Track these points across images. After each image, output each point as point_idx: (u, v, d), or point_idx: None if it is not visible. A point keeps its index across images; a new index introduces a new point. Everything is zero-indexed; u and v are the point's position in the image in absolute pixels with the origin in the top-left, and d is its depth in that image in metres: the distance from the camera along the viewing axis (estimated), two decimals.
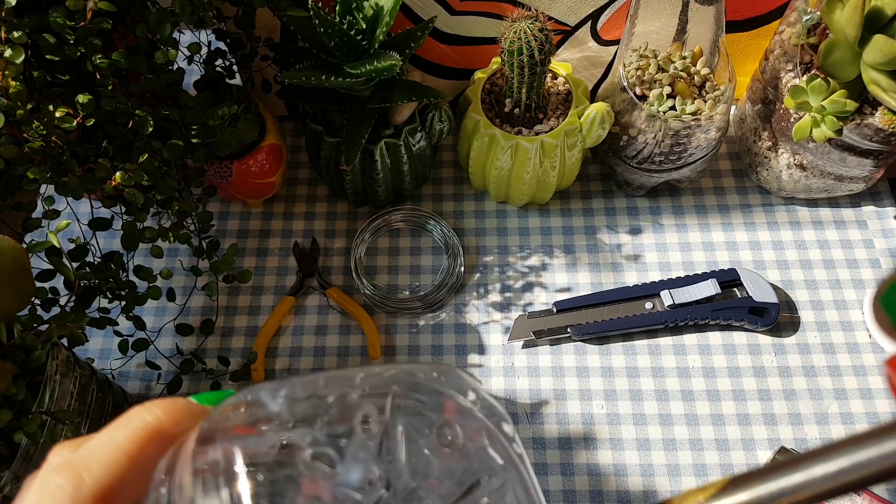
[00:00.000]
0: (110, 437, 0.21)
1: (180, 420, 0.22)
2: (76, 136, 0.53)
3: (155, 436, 0.21)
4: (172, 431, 0.22)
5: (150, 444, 0.21)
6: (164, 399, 0.22)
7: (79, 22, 0.47)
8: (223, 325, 0.68)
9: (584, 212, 0.72)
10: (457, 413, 0.20)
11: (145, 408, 0.22)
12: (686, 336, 0.66)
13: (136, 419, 0.21)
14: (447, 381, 0.21)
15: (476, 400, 0.21)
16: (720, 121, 0.64)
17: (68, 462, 0.20)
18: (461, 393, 0.21)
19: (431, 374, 0.21)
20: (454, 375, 0.21)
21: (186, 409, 0.22)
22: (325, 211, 0.73)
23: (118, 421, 0.21)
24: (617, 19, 0.67)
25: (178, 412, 0.22)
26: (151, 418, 0.21)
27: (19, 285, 0.43)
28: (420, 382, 0.21)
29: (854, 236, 0.70)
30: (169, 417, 0.22)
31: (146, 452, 0.21)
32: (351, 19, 0.57)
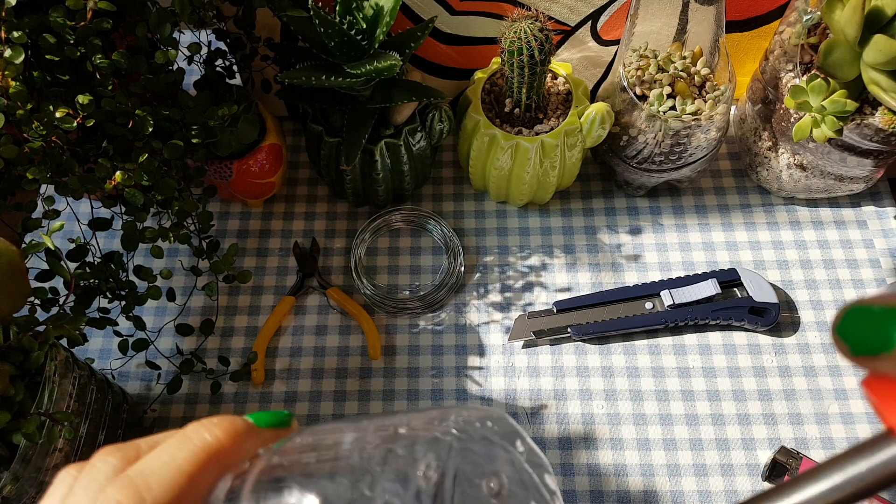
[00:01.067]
0: (171, 455, 0.21)
1: (239, 441, 0.22)
2: (76, 136, 0.53)
3: (214, 456, 0.21)
4: (231, 452, 0.21)
5: (209, 465, 0.21)
6: (223, 418, 0.22)
7: (79, 22, 0.47)
8: (223, 325, 0.68)
9: (584, 212, 0.72)
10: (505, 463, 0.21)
11: (204, 426, 0.22)
12: (686, 336, 0.66)
13: (197, 438, 0.21)
14: (499, 430, 0.22)
15: (524, 450, 0.21)
16: (720, 121, 0.64)
17: (129, 479, 0.20)
18: (511, 442, 0.21)
19: (486, 423, 0.22)
20: (505, 423, 0.22)
21: (245, 429, 0.22)
22: (325, 211, 0.73)
23: (177, 438, 0.21)
24: (617, 19, 0.67)
25: (237, 433, 0.22)
26: (212, 439, 0.21)
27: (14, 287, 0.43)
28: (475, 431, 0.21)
29: (854, 236, 0.70)
30: (228, 438, 0.22)
31: (204, 473, 0.21)
32: (351, 19, 0.57)
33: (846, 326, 0.18)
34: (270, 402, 0.64)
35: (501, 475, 0.21)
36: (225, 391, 0.65)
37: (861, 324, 0.18)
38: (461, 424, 0.21)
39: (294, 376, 0.65)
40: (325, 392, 0.64)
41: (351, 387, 0.65)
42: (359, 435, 0.21)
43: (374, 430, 0.21)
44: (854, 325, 0.18)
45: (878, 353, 0.17)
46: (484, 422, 0.22)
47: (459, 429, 0.21)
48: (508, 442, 0.21)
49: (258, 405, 0.64)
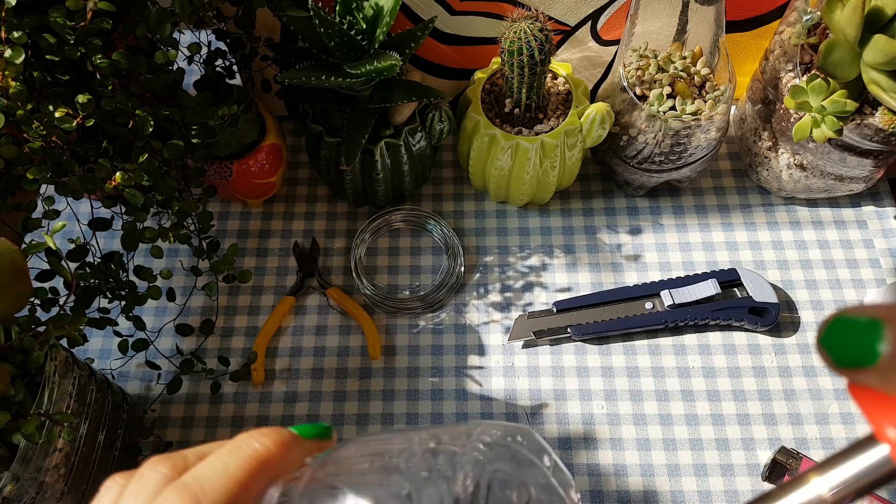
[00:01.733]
0: (224, 464, 0.22)
1: (286, 451, 0.23)
2: (76, 136, 0.53)
3: (264, 465, 0.22)
4: (279, 462, 0.23)
5: (259, 473, 0.22)
6: (271, 429, 0.23)
7: (79, 22, 0.47)
8: (223, 325, 0.68)
9: (584, 212, 0.72)
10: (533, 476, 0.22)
11: (253, 437, 0.23)
12: (686, 336, 0.66)
13: (247, 448, 0.22)
14: (528, 445, 0.23)
15: (550, 465, 0.23)
16: (720, 121, 0.64)
17: (185, 485, 0.21)
18: (538, 457, 0.23)
19: (516, 438, 0.23)
20: (533, 439, 0.23)
21: (291, 440, 0.24)
22: (325, 211, 0.73)
23: (228, 447, 0.23)
24: (617, 19, 0.67)
25: (284, 443, 0.23)
26: (262, 448, 0.23)
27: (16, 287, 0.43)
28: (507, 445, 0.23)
29: (854, 236, 0.70)
30: (277, 448, 0.23)
31: (255, 481, 0.22)
32: (351, 19, 0.57)
33: (830, 337, 0.18)
34: (270, 402, 0.64)
35: (530, 487, 0.22)
36: (225, 391, 0.65)
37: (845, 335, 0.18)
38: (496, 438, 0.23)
39: (294, 376, 0.65)
40: (325, 392, 0.64)
41: (351, 387, 0.65)
42: (405, 446, 0.22)
43: (419, 442, 0.23)
44: (838, 337, 0.18)
45: (861, 367, 0.17)
46: (514, 437, 0.23)
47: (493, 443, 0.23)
48: (536, 457, 0.23)
49: (258, 405, 0.64)
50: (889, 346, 0.17)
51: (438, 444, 0.22)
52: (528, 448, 0.23)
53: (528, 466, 0.22)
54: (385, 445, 0.23)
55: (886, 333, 0.17)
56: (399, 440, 0.23)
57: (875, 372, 0.17)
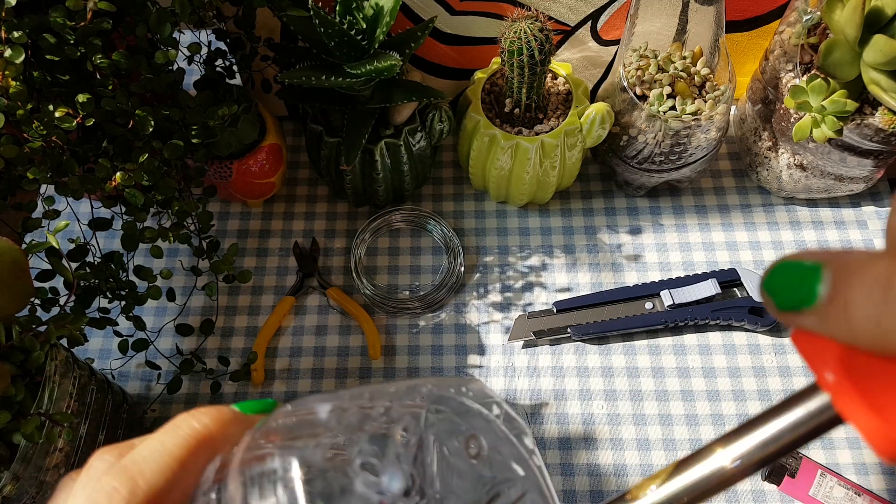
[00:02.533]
0: (161, 442, 0.22)
1: (226, 427, 0.23)
2: (76, 136, 0.53)
3: (203, 442, 0.22)
4: (219, 438, 0.23)
5: (198, 450, 0.22)
6: (210, 407, 0.23)
7: (79, 22, 0.47)
8: (223, 325, 0.68)
9: (584, 212, 0.72)
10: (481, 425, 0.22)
11: (192, 415, 0.23)
12: (686, 336, 0.66)
13: (185, 426, 0.22)
14: (474, 396, 0.22)
15: (500, 414, 0.22)
16: (720, 121, 0.64)
17: (122, 467, 0.21)
18: (486, 407, 0.22)
19: (461, 388, 0.23)
20: (479, 390, 0.23)
21: (231, 416, 0.24)
22: (325, 211, 0.73)
23: (166, 428, 0.23)
24: (617, 19, 0.67)
25: (223, 420, 0.23)
26: (199, 426, 0.23)
27: (18, 286, 0.43)
28: (450, 397, 0.22)
29: (854, 236, 0.70)
30: (215, 425, 0.23)
31: (194, 458, 0.22)
32: (351, 19, 0.57)
33: (773, 281, 0.18)
34: None
35: (480, 438, 0.21)
36: (225, 391, 0.65)
37: (788, 279, 0.18)
38: (436, 391, 0.22)
39: (294, 376, 0.65)
40: (325, 392, 0.64)
41: (351, 387, 0.65)
42: (336, 404, 0.22)
43: (350, 399, 0.22)
44: (781, 280, 0.18)
45: (800, 308, 0.18)
46: (459, 388, 0.23)
47: (435, 395, 0.22)
48: (485, 407, 0.22)
49: None
50: (827, 287, 0.17)
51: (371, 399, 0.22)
52: (476, 399, 0.22)
53: (477, 417, 0.22)
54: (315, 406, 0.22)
55: (825, 275, 0.17)
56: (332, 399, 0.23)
57: (814, 314, 0.17)
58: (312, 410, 0.22)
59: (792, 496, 0.58)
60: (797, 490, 0.58)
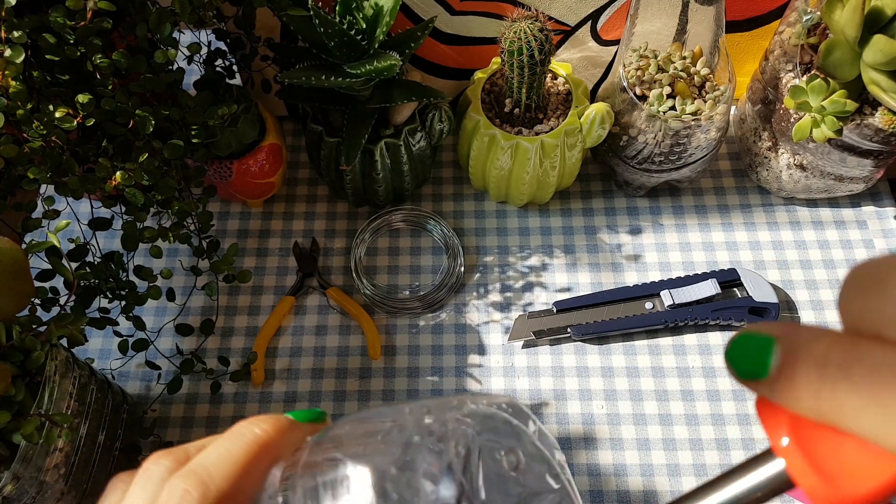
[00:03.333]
0: (227, 449, 0.23)
1: (284, 434, 0.24)
2: (76, 136, 0.53)
3: (265, 448, 0.24)
4: (279, 445, 0.24)
5: (261, 456, 0.23)
6: (269, 416, 0.25)
7: (79, 22, 0.47)
8: (223, 325, 0.68)
9: (584, 212, 0.72)
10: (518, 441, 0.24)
11: (253, 423, 0.24)
12: (686, 336, 0.66)
13: (248, 433, 0.24)
14: (513, 413, 0.25)
15: (535, 430, 0.24)
16: (720, 121, 0.64)
17: (191, 471, 0.23)
18: (524, 424, 0.24)
19: (501, 405, 0.25)
20: (518, 408, 0.25)
21: (288, 424, 0.25)
22: (325, 211, 0.73)
23: (229, 434, 0.24)
24: (617, 19, 0.67)
25: (282, 427, 0.25)
26: (261, 432, 0.24)
27: (18, 286, 0.43)
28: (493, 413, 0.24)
29: (854, 236, 0.70)
30: (276, 431, 0.24)
31: (258, 463, 0.23)
32: (351, 19, 0.57)
33: (733, 353, 0.20)
34: (270, 402, 0.64)
35: (518, 451, 0.23)
36: (225, 391, 0.65)
37: (746, 350, 0.19)
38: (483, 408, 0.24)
39: (294, 376, 0.65)
40: (325, 392, 0.64)
41: (351, 387, 0.65)
42: (397, 417, 0.24)
43: (410, 413, 0.24)
44: (740, 352, 0.20)
45: (755, 378, 0.19)
46: (500, 405, 0.25)
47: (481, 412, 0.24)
48: (522, 423, 0.24)
49: (258, 405, 0.64)
50: (776, 361, 0.18)
51: (429, 414, 0.24)
52: (514, 416, 0.24)
53: (515, 433, 0.24)
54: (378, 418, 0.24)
55: (776, 350, 0.19)
56: (391, 413, 0.24)
57: (767, 385, 0.19)
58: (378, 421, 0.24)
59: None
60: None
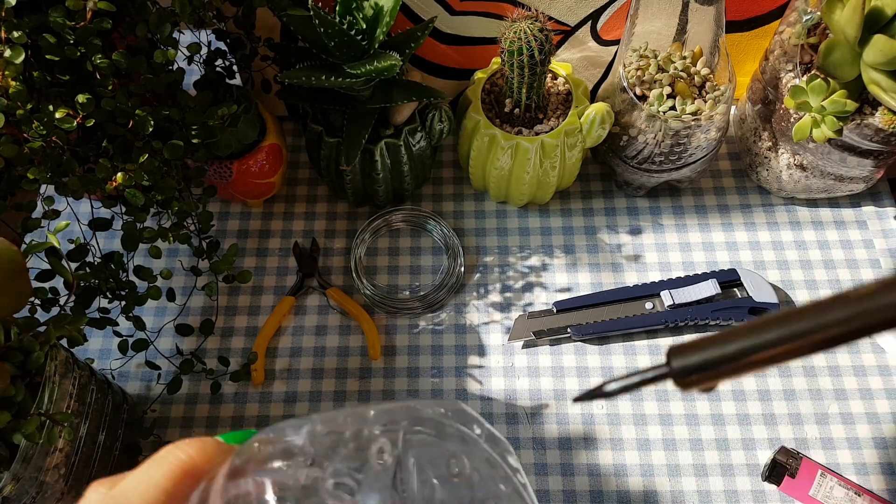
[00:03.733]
0: (148, 474, 0.23)
1: (210, 458, 0.24)
2: (76, 136, 0.53)
3: (188, 473, 0.23)
4: (203, 468, 0.24)
5: (184, 481, 0.23)
6: (194, 439, 0.24)
7: (79, 22, 0.47)
8: (223, 325, 0.68)
9: (584, 212, 0.72)
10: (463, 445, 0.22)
11: (177, 447, 0.24)
12: (686, 336, 0.66)
13: (170, 457, 0.23)
14: (454, 416, 0.23)
15: (481, 433, 0.23)
16: (720, 121, 0.64)
17: (111, 498, 0.22)
18: (467, 426, 0.23)
19: (438, 410, 0.23)
20: (459, 411, 0.23)
21: (215, 447, 0.24)
22: (325, 211, 0.73)
23: (152, 460, 0.24)
24: (617, 19, 0.67)
25: (207, 450, 0.24)
26: (184, 456, 0.23)
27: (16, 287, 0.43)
28: (428, 417, 0.23)
29: (854, 236, 0.70)
30: (200, 455, 0.24)
31: (180, 488, 0.23)
32: (351, 19, 0.57)
33: None
34: (270, 402, 0.64)
35: (462, 457, 0.22)
36: (225, 391, 0.65)
37: None
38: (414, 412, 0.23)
39: (294, 376, 0.65)
40: (325, 392, 0.64)
41: (351, 387, 0.65)
42: (310, 428, 0.22)
43: (324, 422, 0.23)
44: None
45: None
46: (437, 409, 0.23)
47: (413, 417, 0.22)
48: (466, 426, 0.23)
49: (258, 405, 0.64)
50: None
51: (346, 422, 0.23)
52: (456, 419, 0.23)
53: (457, 438, 0.22)
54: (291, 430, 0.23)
55: None
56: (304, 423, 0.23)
57: None
58: (288, 435, 0.22)
59: (792, 496, 0.58)
60: (797, 490, 0.58)
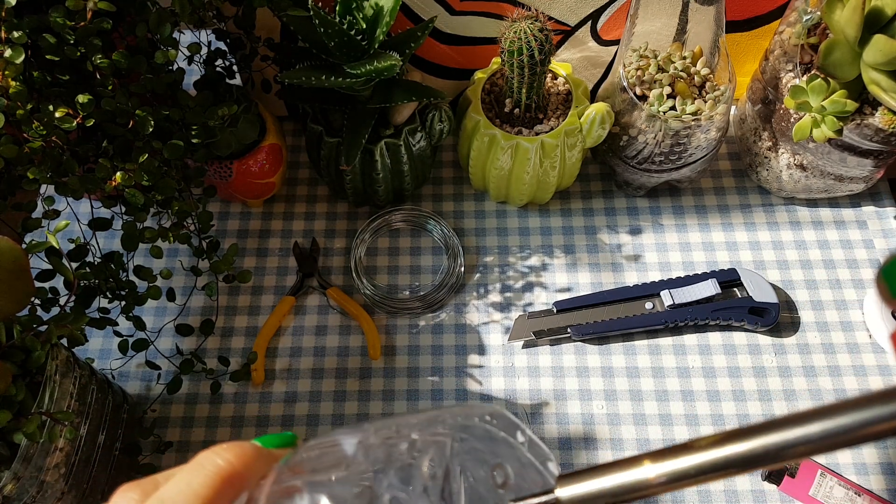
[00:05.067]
0: (188, 482, 0.22)
1: (250, 464, 0.23)
2: (76, 136, 0.53)
3: (228, 480, 0.23)
4: (243, 475, 0.23)
5: (224, 489, 0.22)
6: (233, 443, 0.24)
7: (79, 22, 0.47)
8: (223, 325, 0.68)
9: (584, 212, 0.72)
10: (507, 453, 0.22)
11: (216, 452, 0.23)
12: (686, 336, 0.66)
13: (209, 464, 0.23)
14: (498, 424, 0.23)
15: (524, 441, 0.23)
16: (720, 121, 0.64)
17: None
18: (511, 434, 0.23)
19: (484, 417, 0.23)
20: (504, 418, 0.23)
21: (254, 452, 0.24)
22: (325, 211, 0.73)
23: (191, 466, 0.23)
24: (617, 19, 0.67)
25: (246, 456, 0.23)
26: (224, 463, 0.23)
27: (19, 286, 0.43)
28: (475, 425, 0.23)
29: (854, 236, 0.70)
30: (239, 461, 0.23)
31: (220, 496, 0.22)
32: (351, 19, 0.57)
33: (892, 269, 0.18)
34: (270, 402, 0.64)
35: (506, 466, 0.22)
36: (225, 391, 0.65)
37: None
38: (460, 421, 0.22)
39: (294, 376, 0.65)
40: (325, 392, 0.64)
41: (351, 387, 0.65)
42: (361, 438, 0.22)
43: (375, 432, 0.22)
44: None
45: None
46: (483, 417, 0.23)
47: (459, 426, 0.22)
48: (509, 435, 0.22)
49: (258, 405, 0.64)
50: None
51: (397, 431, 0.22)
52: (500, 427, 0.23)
53: (502, 445, 0.22)
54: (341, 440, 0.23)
55: None
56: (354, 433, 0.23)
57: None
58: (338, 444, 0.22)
59: (792, 496, 0.58)
60: (797, 490, 0.58)
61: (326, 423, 0.63)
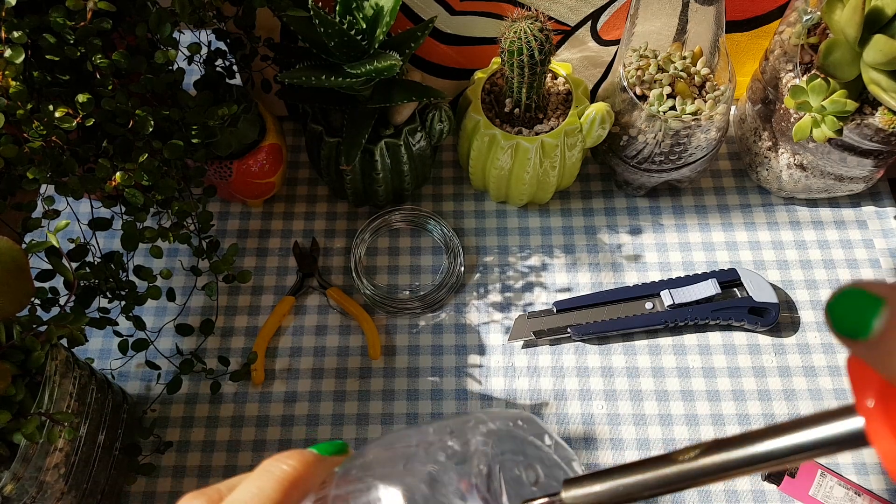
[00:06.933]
0: (259, 487, 0.24)
1: (311, 470, 0.25)
2: (76, 136, 0.53)
3: (294, 484, 0.24)
4: (307, 480, 0.25)
5: (292, 493, 0.24)
6: (294, 451, 0.26)
7: (79, 22, 0.47)
8: (223, 325, 0.68)
9: (584, 212, 0.72)
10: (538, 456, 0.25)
11: (280, 460, 0.25)
12: (686, 336, 0.66)
13: (276, 470, 0.25)
14: (529, 429, 0.25)
15: (551, 444, 0.25)
16: (720, 121, 0.64)
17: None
18: (540, 438, 0.25)
19: (517, 422, 0.26)
20: (534, 423, 0.26)
21: (314, 459, 0.26)
22: (325, 211, 0.73)
23: (258, 472, 0.25)
24: (617, 19, 0.67)
25: (308, 462, 0.25)
26: (290, 469, 0.25)
27: (18, 286, 0.43)
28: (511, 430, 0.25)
29: (854, 236, 0.70)
30: (303, 466, 0.25)
31: (289, 499, 0.24)
32: (351, 19, 0.57)
33: (837, 305, 0.19)
34: (270, 402, 0.64)
35: (536, 466, 0.24)
36: (225, 391, 0.65)
37: (850, 306, 0.19)
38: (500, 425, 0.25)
39: (294, 376, 0.65)
40: (325, 392, 0.64)
41: (351, 387, 0.65)
42: (421, 437, 0.25)
43: (434, 433, 0.25)
44: (844, 306, 0.19)
45: (856, 337, 0.18)
46: (516, 422, 0.25)
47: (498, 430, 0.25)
48: (538, 438, 0.25)
49: (258, 405, 0.64)
50: (880, 324, 0.18)
51: (452, 434, 0.24)
52: (530, 431, 0.25)
53: (531, 448, 0.25)
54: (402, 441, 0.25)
55: (883, 312, 0.18)
56: (415, 435, 0.25)
57: (866, 346, 0.18)
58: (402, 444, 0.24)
59: (792, 496, 0.58)
60: (797, 490, 0.58)
61: (326, 423, 0.63)
